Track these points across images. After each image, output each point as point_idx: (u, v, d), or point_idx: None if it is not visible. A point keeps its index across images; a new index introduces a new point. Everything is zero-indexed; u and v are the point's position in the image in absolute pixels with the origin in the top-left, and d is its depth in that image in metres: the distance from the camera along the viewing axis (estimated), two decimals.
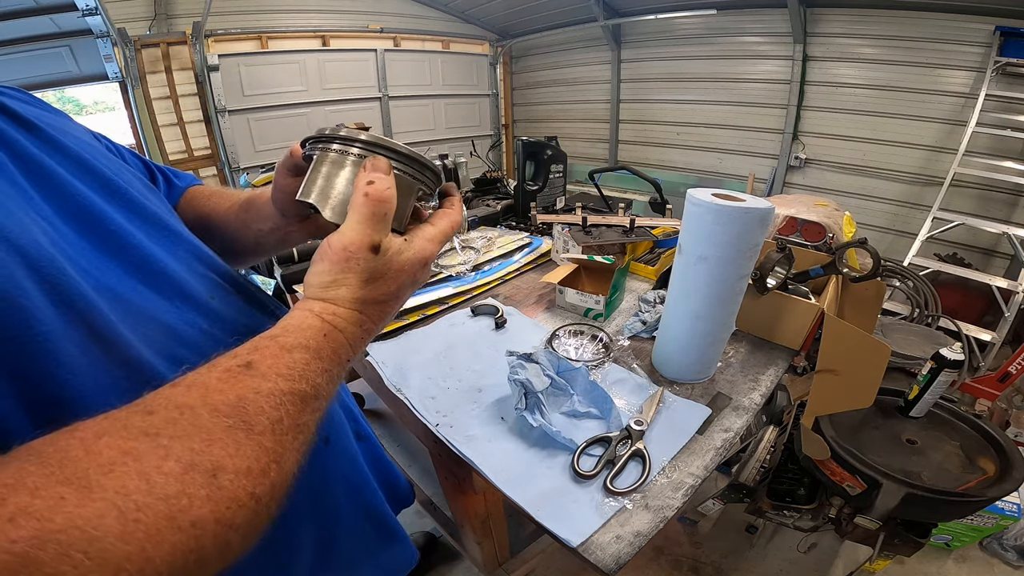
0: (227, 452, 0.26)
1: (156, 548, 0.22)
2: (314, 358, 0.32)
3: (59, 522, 0.20)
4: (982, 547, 1.53)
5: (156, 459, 0.24)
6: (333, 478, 0.54)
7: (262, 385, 0.29)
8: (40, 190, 0.35)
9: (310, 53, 4.18)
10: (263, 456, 0.27)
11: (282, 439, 0.29)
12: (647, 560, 1.50)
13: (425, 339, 0.96)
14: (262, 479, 0.27)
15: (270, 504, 0.28)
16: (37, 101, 0.46)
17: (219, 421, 0.26)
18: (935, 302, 2.27)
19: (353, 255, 0.35)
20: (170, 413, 0.26)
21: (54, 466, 0.22)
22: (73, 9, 2.94)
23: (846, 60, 3.38)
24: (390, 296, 0.38)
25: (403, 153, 0.40)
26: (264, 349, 0.31)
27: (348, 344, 0.36)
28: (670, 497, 0.62)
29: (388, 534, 0.65)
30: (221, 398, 0.27)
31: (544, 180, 1.61)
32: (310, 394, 0.31)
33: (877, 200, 3.49)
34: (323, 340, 0.34)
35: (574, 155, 3.02)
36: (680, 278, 0.78)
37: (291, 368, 0.31)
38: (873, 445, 1.04)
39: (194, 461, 0.24)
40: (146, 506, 0.22)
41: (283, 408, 0.29)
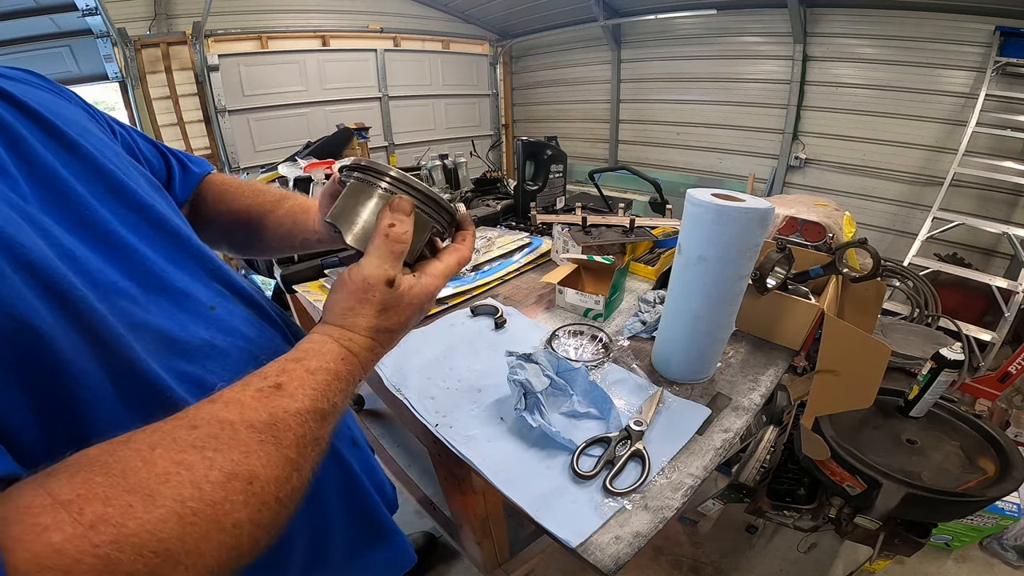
0: (261, 463, 0.30)
1: (207, 546, 0.26)
2: (334, 379, 0.36)
3: (132, 527, 0.24)
4: (982, 547, 1.53)
5: (204, 469, 0.27)
6: (327, 482, 0.54)
7: (290, 405, 0.33)
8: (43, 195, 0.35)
9: (310, 53, 4.18)
10: (288, 466, 0.31)
11: (304, 451, 0.33)
12: (647, 560, 1.50)
13: (425, 339, 0.96)
14: (286, 485, 0.31)
15: (290, 506, 0.32)
16: (47, 85, 0.46)
17: (254, 436, 0.30)
18: (935, 302, 2.27)
19: (371, 288, 0.40)
20: (212, 428, 0.29)
21: (118, 476, 0.25)
22: (73, 9, 2.94)
23: (846, 60, 3.38)
24: (400, 326, 0.42)
25: (424, 193, 0.44)
26: (292, 372, 0.35)
27: (361, 367, 0.40)
28: (669, 497, 0.62)
29: (382, 535, 0.65)
30: (256, 416, 0.31)
31: (544, 180, 1.61)
32: (328, 411, 0.35)
33: (877, 200, 3.49)
34: (341, 364, 0.38)
35: (574, 155, 3.01)
36: (680, 278, 0.78)
37: (315, 389, 0.35)
38: (873, 445, 1.04)
39: (235, 471, 0.28)
40: (199, 511, 0.26)
41: (307, 425, 0.33)
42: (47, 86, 0.46)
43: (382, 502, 0.70)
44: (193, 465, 0.27)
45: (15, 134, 0.35)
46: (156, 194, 0.46)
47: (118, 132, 0.52)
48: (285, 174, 1.73)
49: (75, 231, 0.36)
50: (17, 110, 0.37)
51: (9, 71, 0.42)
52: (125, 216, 0.40)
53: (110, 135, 0.49)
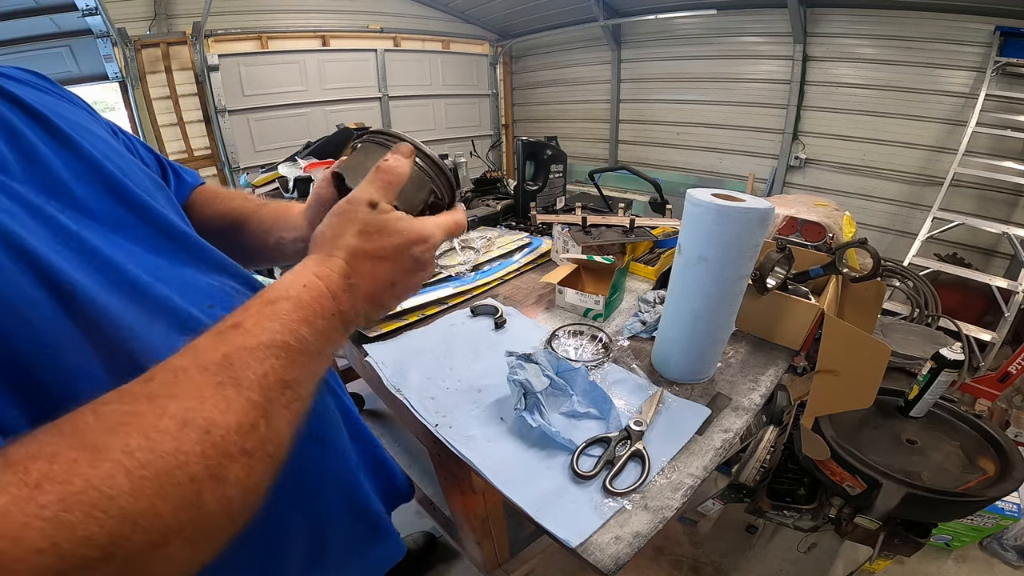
0: (218, 408, 0.27)
1: (163, 502, 0.23)
2: (295, 307, 0.33)
3: (78, 484, 0.21)
4: (982, 547, 1.53)
5: (154, 418, 0.25)
6: (328, 478, 0.55)
7: (246, 341, 0.30)
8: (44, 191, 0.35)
9: (310, 53, 4.18)
10: (252, 411, 0.28)
11: (269, 394, 0.29)
12: (647, 560, 1.50)
13: (424, 339, 0.96)
14: (251, 434, 0.28)
15: (263, 461, 0.29)
16: (51, 87, 0.46)
17: (209, 379, 0.27)
18: (935, 302, 2.27)
19: (352, 207, 0.38)
20: (166, 376, 0.27)
21: (68, 434, 0.23)
22: (73, 9, 2.94)
23: (846, 60, 3.38)
24: (382, 252, 0.38)
25: (428, 155, 0.45)
26: (250, 307, 0.32)
27: (330, 294, 0.35)
28: (669, 497, 0.62)
29: (378, 532, 0.66)
30: (210, 357, 0.28)
31: (544, 180, 1.61)
32: (294, 346, 0.31)
33: (877, 200, 3.49)
34: (303, 290, 0.34)
35: (574, 155, 3.01)
36: (680, 278, 0.78)
37: (272, 320, 0.31)
38: (873, 445, 1.04)
39: (187, 419, 0.25)
40: (148, 463, 0.23)
41: (268, 362, 0.30)
42: (50, 88, 0.46)
43: (389, 494, 0.70)
44: (143, 414, 0.25)
45: (18, 133, 0.36)
46: (158, 193, 0.46)
47: (119, 135, 0.53)
48: (285, 174, 1.73)
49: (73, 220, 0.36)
50: (20, 110, 0.37)
51: (13, 71, 0.43)
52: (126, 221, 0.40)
53: (112, 137, 0.50)
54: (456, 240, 1.29)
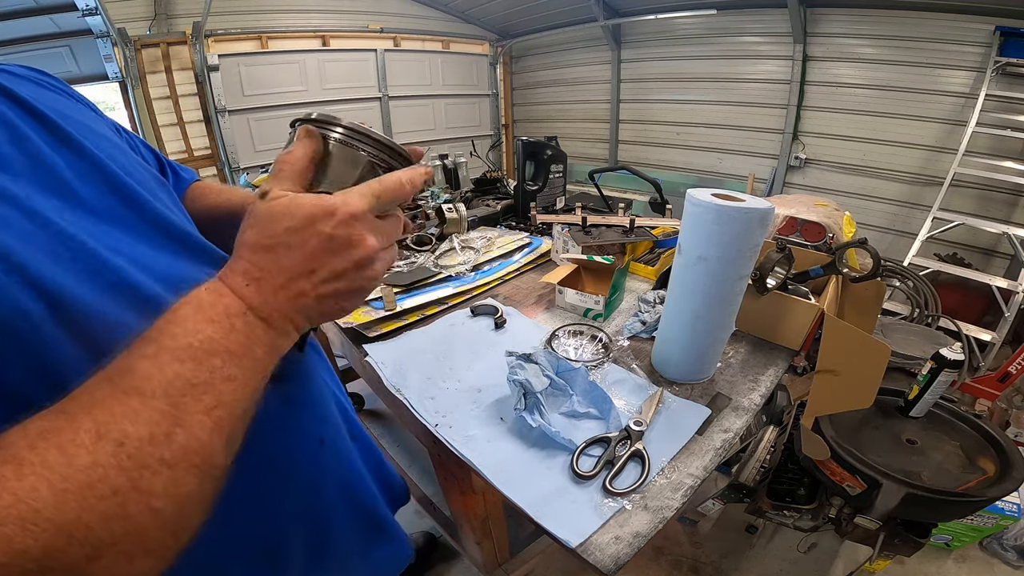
0: (128, 420, 0.26)
1: (89, 514, 0.24)
2: (194, 310, 0.32)
3: (7, 499, 0.22)
4: (982, 547, 1.53)
5: (71, 432, 0.25)
6: (329, 479, 0.54)
7: (146, 349, 0.29)
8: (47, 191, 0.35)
9: (310, 53, 4.18)
10: (163, 421, 0.27)
11: (178, 400, 0.28)
12: (647, 560, 1.50)
13: (424, 339, 0.96)
14: (168, 444, 0.27)
15: (190, 471, 0.28)
16: (55, 84, 0.46)
17: (116, 391, 0.27)
18: (935, 302, 2.27)
19: (249, 207, 0.36)
20: (84, 392, 0.27)
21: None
22: (73, 9, 2.94)
23: (846, 60, 3.38)
24: (276, 238, 0.34)
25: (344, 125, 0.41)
26: (159, 320, 0.31)
27: (230, 291, 0.33)
28: (669, 498, 0.62)
29: (382, 532, 0.66)
30: (115, 368, 0.28)
31: (544, 180, 1.61)
32: (197, 347, 0.30)
33: (877, 200, 3.48)
34: (203, 292, 0.33)
35: (574, 155, 3.01)
36: (680, 278, 0.78)
37: (172, 324, 0.30)
38: (873, 445, 1.04)
39: (100, 432, 0.25)
40: (68, 476, 0.24)
41: (170, 367, 0.29)
42: (55, 85, 0.46)
43: (388, 497, 0.70)
44: (61, 429, 0.25)
45: (18, 132, 0.35)
46: (161, 191, 0.46)
47: (123, 133, 0.52)
48: None
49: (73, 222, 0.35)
50: (22, 109, 0.37)
51: (16, 68, 0.42)
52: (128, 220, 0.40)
53: (116, 135, 0.49)
54: (456, 240, 1.29)
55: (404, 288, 1.09)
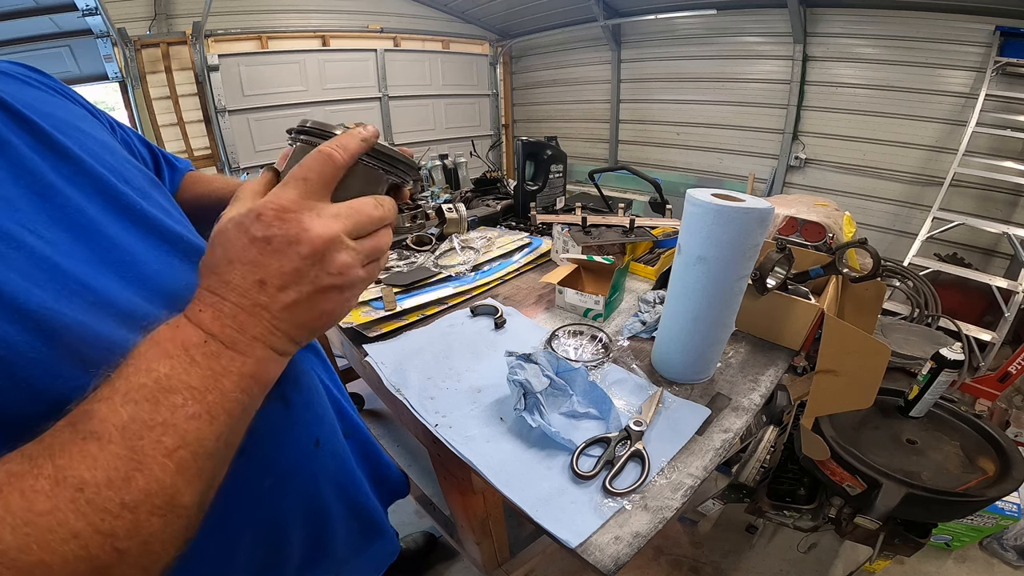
0: (85, 465, 0.26)
1: (52, 557, 0.24)
2: (149, 346, 0.30)
3: None
4: (982, 547, 1.53)
5: (31, 479, 0.25)
6: (323, 479, 0.55)
7: (103, 391, 0.28)
8: (30, 197, 0.34)
9: (310, 53, 4.18)
10: (120, 465, 0.27)
11: (136, 444, 0.27)
12: (647, 560, 1.50)
13: (424, 339, 0.96)
14: (127, 488, 0.26)
15: (155, 513, 0.27)
16: (41, 82, 0.44)
17: (75, 436, 0.27)
18: (935, 302, 2.27)
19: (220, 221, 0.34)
20: (48, 436, 0.27)
21: None
22: (73, 9, 2.94)
23: (846, 60, 3.38)
24: (216, 257, 0.32)
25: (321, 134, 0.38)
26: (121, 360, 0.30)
27: (189, 322, 0.31)
28: (669, 498, 0.62)
29: (374, 530, 0.66)
30: (77, 413, 0.27)
31: (544, 180, 1.61)
32: (153, 386, 0.28)
33: (877, 200, 3.49)
34: (163, 326, 0.31)
35: (574, 155, 3.01)
36: (679, 278, 0.78)
37: (128, 363, 0.29)
38: (873, 445, 1.04)
39: (59, 477, 0.25)
40: (29, 521, 0.24)
41: (125, 409, 0.27)
42: (42, 82, 0.45)
43: (383, 493, 0.70)
44: (22, 475, 0.25)
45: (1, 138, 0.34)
46: (154, 191, 0.45)
47: (117, 130, 0.52)
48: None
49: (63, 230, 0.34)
50: (7, 115, 0.36)
51: (4, 66, 0.41)
52: (115, 217, 0.38)
53: (110, 132, 0.49)
54: (456, 240, 1.29)
55: (404, 288, 1.09)
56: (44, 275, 0.31)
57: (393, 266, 1.20)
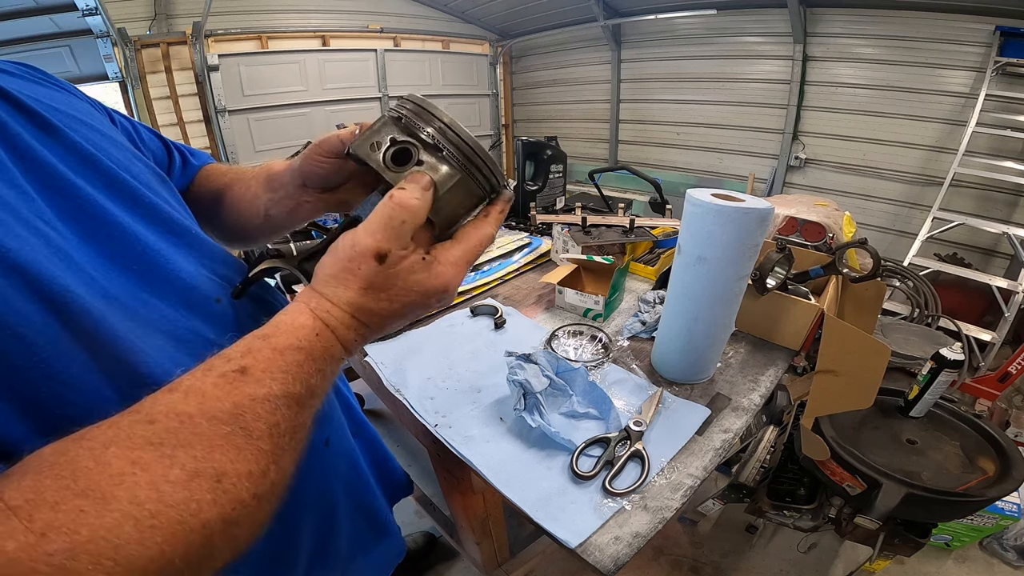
0: (228, 458, 0.27)
1: (173, 549, 0.24)
2: (307, 359, 0.32)
3: (85, 534, 0.22)
4: (982, 547, 1.53)
5: (162, 468, 0.25)
6: (333, 479, 0.55)
7: (257, 391, 0.29)
8: (41, 190, 0.34)
9: (310, 53, 4.17)
10: (262, 459, 0.28)
11: (279, 441, 0.29)
12: (647, 560, 1.50)
13: (424, 339, 0.96)
14: (263, 480, 0.28)
15: (272, 500, 0.30)
16: (44, 79, 0.45)
17: (218, 429, 0.27)
18: (935, 302, 2.27)
19: (358, 257, 0.34)
20: (171, 422, 0.26)
21: (68, 479, 0.23)
22: (73, 9, 2.94)
23: (846, 60, 3.38)
24: (391, 312, 0.36)
25: (471, 155, 0.37)
26: (257, 352, 0.31)
27: (340, 344, 0.35)
28: (669, 498, 0.62)
29: (381, 529, 0.66)
30: (219, 405, 0.28)
31: (544, 180, 1.61)
32: (304, 395, 0.31)
33: (877, 200, 3.48)
34: (315, 339, 0.33)
35: (574, 155, 3.01)
36: (679, 278, 0.78)
37: (285, 371, 0.31)
38: (873, 445, 1.03)
39: (198, 468, 0.26)
40: (159, 513, 0.24)
41: (279, 412, 0.30)
42: (45, 79, 0.45)
43: (388, 492, 0.70)
44: (150, 464, 0.25)
45: (8, 129, 0.35)
46: (159, 185, 0.45)
47: (119, 122, 0.52)
48: None
49: (75, 225, 0.35)
50: (9, 104, 0.36)
51: (5, 65, 0.42)
52: (124, 209, 0.39)
53: (111, 125, 0.49)
54: None
55: None
56: (62, 262, 0.32)
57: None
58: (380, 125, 0.38)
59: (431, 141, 0.37)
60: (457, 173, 0.37)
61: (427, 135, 0.37)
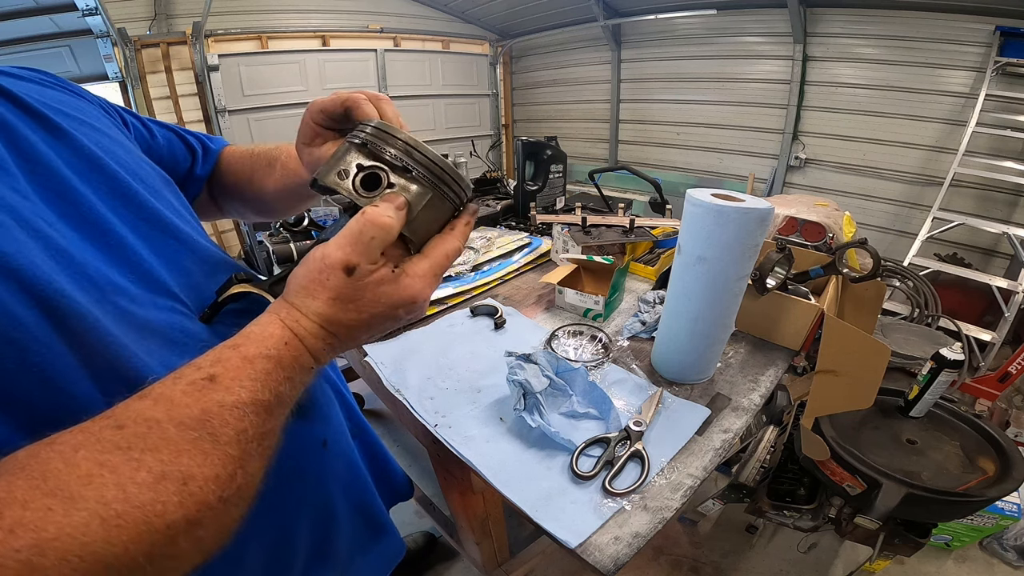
0: (195, 462, 0.28)
1: (138, 548, 0.25)
2: (276, 367, 0.33)
3: (52, 531, 0.23)
4: (982, 547, 1.53)
5: (130, 471, 0.26)
6: (331, 480, 0.54)
7: (225, 398, 0.30)
8: (44, 193, 0.35)
9: (310, 53, 4.17)
10: (230, 464, 0.29)
11: (247, 447, 0.30)
12: (647, 560, 1.50)
13: (424, 339, 0.96)
14: (229, 484, 0.29)
15: (239, 505, 0.30)
16: (54, 83, 0.45)
17: (185, 434, 0.28)
18: (935, 302, 2.27)
19: (327, 269, 0.35)
20: (139, 428, 0.27)
21: (38, 479, 0.24)
22: (73, 9, 2.94)
23: (846, 60, 3.38)
24: (359, 323, 0.37)
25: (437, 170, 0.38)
26: (227, 361, 0.31)
27: (309, 353, 0.35)
28: (669, 498, 0.62)
29: (380, 530, 0.66)
30: (187, 412, 0.28)
31: (544, 180, 1.61)
32: (273, 403, 0.32)
33: (877, 200, 3.48)
34: (284, 348, 0.34)
35: (574, 155, 3.01)
36: (679, 278, 0.78)
37: (253, 379, 0.31)
38: (873, 445, 1.03)
39: (165, 472, 0.26)
40: (125, 513, 0.25)
41: (247, 419, 0.30)
42: (55, 83, 0.45)
43: (388, 493, 0.70)
44: (118, 467, 0.26)
45: (15, 132, 0.35)
46: (165, 189, 0.46)
47: (131, 124, 0.52)
48: None
49: (76, 229, 0.35)
50: (17, 108, 0.37)
51: (14, 69, 0.42)
52: (124, 216, 0.39)
53: (122, 129, 0.49)
54: None
55: None
56: (59, 264, 0.32)
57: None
58: (343, 152, 0.38)
59: (399, 164, 0.37)
60: (428, 192, 0.38)
61: (392, 156, 0.37)
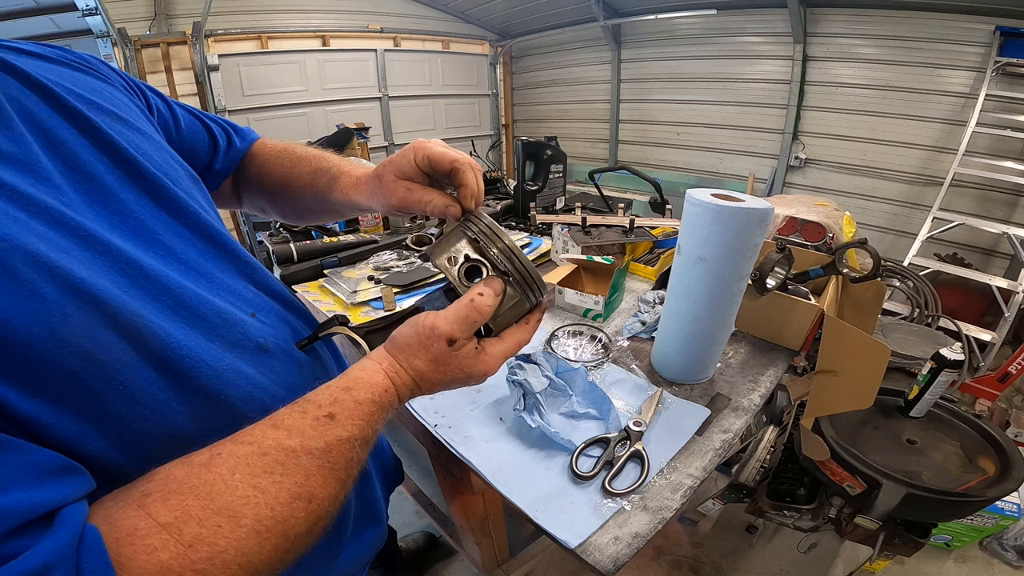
0: (318, 484, 0.35)
1: (274, 554, 0.32)
2: (378, 410, 0.40)
3: (222, 545, 0.29)
4: (982, 547, 1.53)
5: (275, 492, 0.33)
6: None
7: (342, 433, 0.37)
8: (93, 204, 0.36)
9: (310, 53, 4.17)
10: (339, 485, 0.37)
11: (352, 471, 0.38)
12: (647, 560, 1.50)
13: None
14: (337, 501, 0.37)
15: (336, 516, 0.38)
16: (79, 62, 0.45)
17: (314, 462, 0.35)
18: (935, 302, 2.27)
19: (434, 337, 0.42)
20: (279, 456, 0.34)
21: (206, 499, 0.30)
22: (73, 9, 2.94)
23: (846, 60, 3.37)
24: (442, 380, 0.45)
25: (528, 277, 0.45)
26: (343, 402, 0.39)
27: (399, 400, 0.43)
28: (668, 498, 0.62)
29: (375, 516, 0.66)
30: (314, 443, 0.36)
31: (544, 180, 1.61)
32: (372, 437, 0.40)
33: (877, 200, 3.48)
34: (384, 395, 0.41)
35: (574, 155, 3.01)
36: (679, 279, 0.78)
37: (362, 419, 0.39)
38: (873, 445, 1.03)
39: (298, 492, 0.34)
40: (271, 528, 0.32)
41: (355, 451, 0.38)
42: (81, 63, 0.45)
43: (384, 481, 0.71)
44: (267, 489, 0.32)
45: (54, 135, 0.36)
46: (194, 188, 0.47)
47: (155, 107, 0.52)
48: None
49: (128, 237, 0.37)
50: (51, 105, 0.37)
51: (39, 48, 0.42)
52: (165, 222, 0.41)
53: (146, 113, 0.49)
54: None
55: (403, 288, 1.09)
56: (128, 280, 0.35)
57: (393, 266, 1.20)
58: (455, 239, 0.46)
59: (501, 266, 0.45)
60: (516, 295, 0.46)
61: (495, 257, 0.45)
